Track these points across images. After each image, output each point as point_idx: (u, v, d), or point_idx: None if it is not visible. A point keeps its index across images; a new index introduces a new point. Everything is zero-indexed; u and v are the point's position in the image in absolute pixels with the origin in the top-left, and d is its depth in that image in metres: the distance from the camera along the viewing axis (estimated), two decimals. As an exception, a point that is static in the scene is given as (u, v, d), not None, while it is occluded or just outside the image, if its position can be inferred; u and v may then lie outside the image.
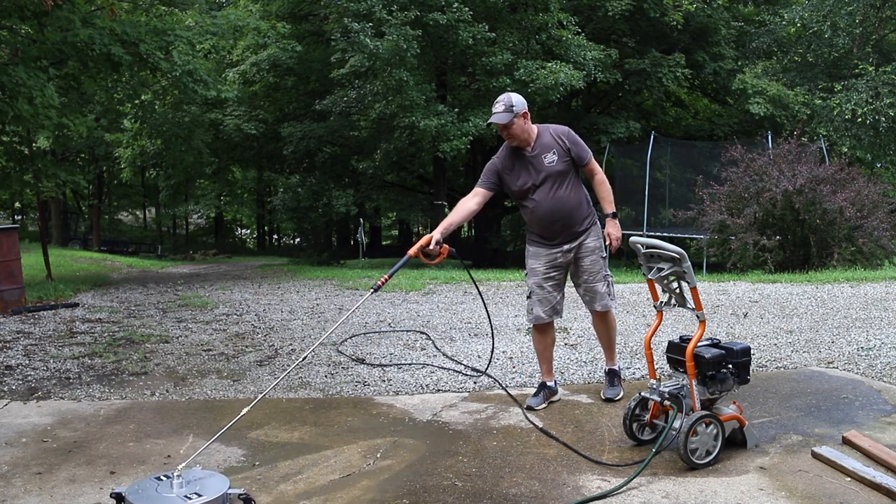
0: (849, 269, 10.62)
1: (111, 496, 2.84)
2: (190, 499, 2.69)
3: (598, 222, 4.15)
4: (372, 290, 3.80)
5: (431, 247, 3.90)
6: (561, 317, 4.23)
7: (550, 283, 4.12)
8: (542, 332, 4.21)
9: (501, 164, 4.08)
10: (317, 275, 12.99)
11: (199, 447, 3.52)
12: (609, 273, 4.14)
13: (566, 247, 4.07)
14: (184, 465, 2.89)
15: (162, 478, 2.85)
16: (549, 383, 4.18)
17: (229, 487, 2.81)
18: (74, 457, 3.43)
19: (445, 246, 3.96)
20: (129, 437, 3.70)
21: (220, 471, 3.26)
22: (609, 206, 4.03)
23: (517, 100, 3.95)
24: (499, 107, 3.94)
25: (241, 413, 3.20)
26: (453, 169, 24.25)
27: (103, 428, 3.85)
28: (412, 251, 3.95)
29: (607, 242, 4.06)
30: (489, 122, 4.02)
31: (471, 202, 4.06)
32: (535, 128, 4.04)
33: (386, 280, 3.76)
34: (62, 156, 23.75)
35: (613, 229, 4.03)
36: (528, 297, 4.19)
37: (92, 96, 13.92)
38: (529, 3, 17.06)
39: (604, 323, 4.23)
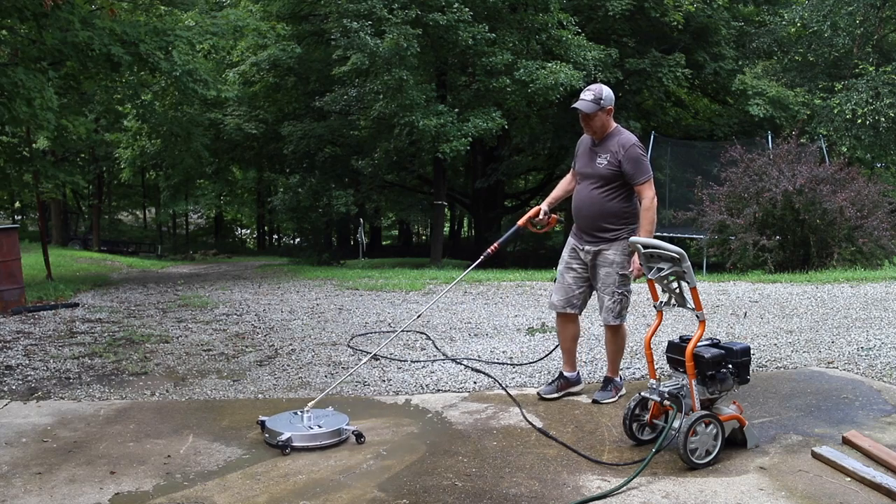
0: (849, 269, 10.62)
1: (257, 423, 3.69)
2: (312, 428, 3.55)
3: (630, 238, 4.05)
4: (483, 257, 4.35)
5: (540, 217, 4.30)
6: (578, 312, 4.22)
7: (571, 275, 4.17)
8: (562, 322, 4.26)
9: (578, 145, 4.26)
10: (317, 275, 12.99)
11: (200, 447, 3.53)
12: (621, 290, 4.04)
13: (588, 247, 4.11)
14: (313, 402, 3.74)
15: (297, 413, 3.71)
16: (566, 373, 4.23)
17: (346, 423, 3.64)
18: (74, 457, 3.43)
19: (553, 216, 4.34)
20: (129, 437, 3.70)
21: (218, 468, 3.26)
22: (643, 235, 3.92)
23: (607, 94, 3.99)
24: (587, 95, 3.99)
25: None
26: (453, 169, 24.26)
27: (103, 428, 3.85)
28: (521, 221, 4.35)
29: (630, 269, 3.99)
30: (573, 106, 4.05)
31: (570, 181, 4.35)
32: (612, 126, 4.07)
33: (496, 248, 4.33)
34: (62, 156, 23.76)
35: (638, 257, 3.85)
36: (555, 282, 4.30)
37: (92, 96, 13.92)
38: (529, 3, 17.05)
39: (610, 335, 4.21)
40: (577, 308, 4.19)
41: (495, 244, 4.34)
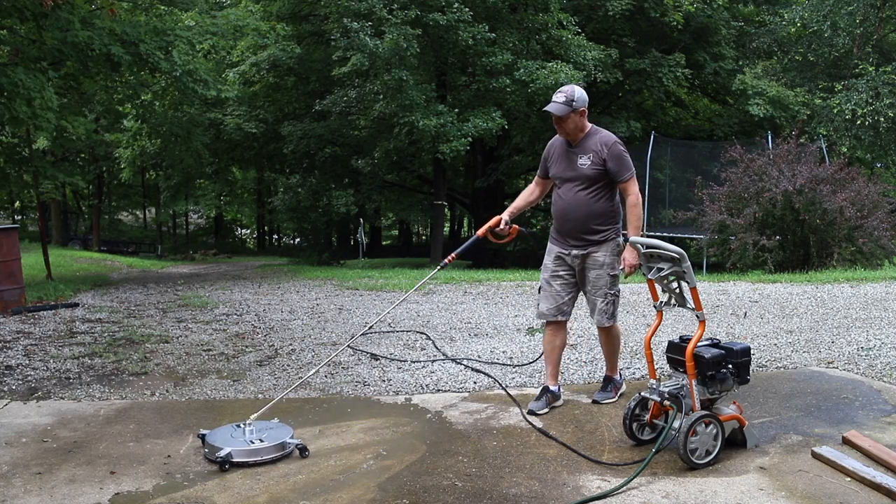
0: (849, 269, 10.62)
1: (198, 436, 3.51)
2: (253, 443, 3.35)
3: (617, 238, 4.04)
4: (440, 267, 4.17)
5: (501, 227, 4.12)
6: (567, 318, 4.16)
7: (558, 282, 4.08)
8: (553, 331, 4.15)
9: (548, 149, 4.16)
10: (317, 275, 12.99)
11: (200, 447, 3.53)
12: (613, 291, 4.03)
13: (575, 252, 4.02)
14: (255, 415, 3.54)
15: (240, 425, 3.49)
16: (552, 387, 4.10)
17: (290, 437, 3.44)
18: (74, 457, 3.43)
19: (515, 226, 4.18)
20: (129, 437, 3.70)
21: (219, 468, 3.26)
22: (632, 231, 3.92)
23: (579, 95, 3.91)
24: (559, 97, 3.91)
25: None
26: (453, 169, 24.25)
27: (103, 428, 3.85)
28: (481, 231, 4.16)
29: (621, 266, 3.96)
30: (545, 108, 3.98)
31: (533, 190, 4.28)
32: (588, 126, 4.01)
33: (454, 258, 4.13)
34: (62, 156, 23.75)
35: (629, 255, 3.90)
36: (539, 292, 4.20)
37: (92, 96, 13.92)
38: (529, 3, 17.06)
39: (605, 336, 4.19)
40: (567, 315, 4.13)
41: (453, 254, 4.13)
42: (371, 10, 15.27)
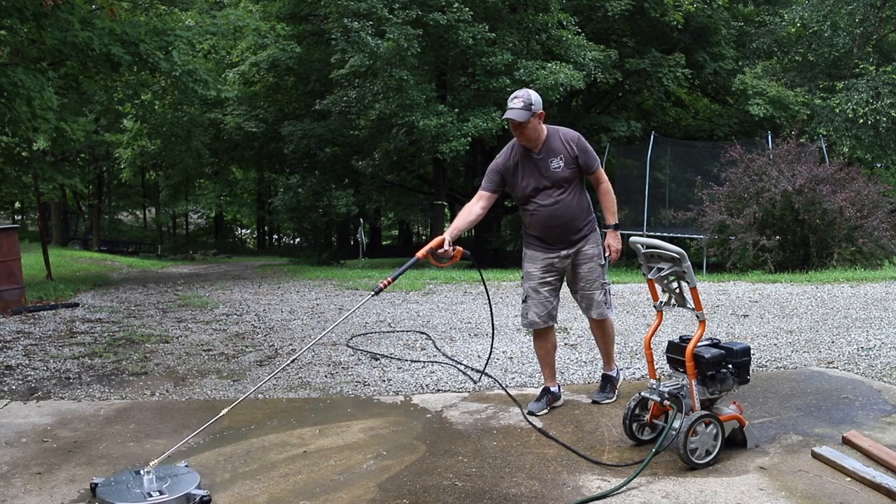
0: (849, 269, 10.61)
1: (90, 486, 3.00)
2: (151, 496, 2.83)
3: (597, 229, 4.07)
4: (373, 293, 3.76)
5: (444, 248, 3.80)
6: (556, 322, 4.15)
7: (547, 289, 4.03)
8: (542, 337, 4.12)
9: (504, 163, 3.98)
10: (317, 275, 12.99)
11: (199, 446, 3.53)
12: (607, 281, 4.06)
13: (563, 252, 3.99)
14: (156, 461, 3.04)
15: (139, 472, 2.99)
16: (552, 388, 4.10)
17: (197, 486, 2.93)
18: (74, 457, 3.43)
19: (459, 248, 3.88)
20: (129, 437, 3.70)
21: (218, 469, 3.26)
22: (611, 217, 3.97)
23: (536, 99, 3.80)
24: (517, 103, 3.77)
25: (223, 411, 3.21)
26: (453, 169, 24.25)
27: (103, 428, 3.85)
28: (420, 253, 3.82)
29: (607, 254, 3.99)
30: (504, 117, 3.85)
31: (475, 206, 4.00)
32: (545, 129, 3.91)
33: (389, 282, 3.70)
34: (61, 156, 23.75)
35: (614, 241, 3.97)
36: (524, 301, 4.10)
37: (92, 96, 13.92)
38: (529, 3, 17.05)
39: (600, 330, 4.19)
40: (555, 319, 4.11)
41: (389, 278, 3.71)
42: (371, 10, 15.26)
